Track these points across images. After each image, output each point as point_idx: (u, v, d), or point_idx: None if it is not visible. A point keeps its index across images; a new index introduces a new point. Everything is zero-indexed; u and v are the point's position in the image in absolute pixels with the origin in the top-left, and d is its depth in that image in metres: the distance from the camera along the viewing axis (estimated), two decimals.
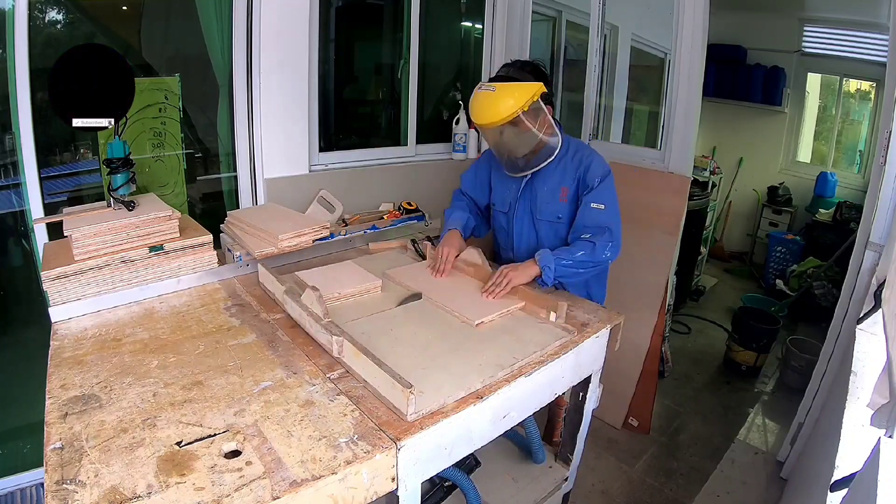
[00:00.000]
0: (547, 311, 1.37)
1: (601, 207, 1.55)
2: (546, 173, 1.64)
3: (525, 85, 1.47)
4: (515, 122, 1.48)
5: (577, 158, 1.62)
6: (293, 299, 1.30)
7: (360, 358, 1.06)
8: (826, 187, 4.38)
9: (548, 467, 1.60)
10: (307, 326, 1.25)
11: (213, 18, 1.93)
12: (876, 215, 1.85)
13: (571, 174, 1.61)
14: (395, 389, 0.97)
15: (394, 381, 0.97)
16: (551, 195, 1.64)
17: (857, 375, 1.30)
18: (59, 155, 1.88)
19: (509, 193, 1.73)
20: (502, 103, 1.44)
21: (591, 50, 2.62)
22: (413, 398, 0.94)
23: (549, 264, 1.49)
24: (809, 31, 4.37)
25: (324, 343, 1.18)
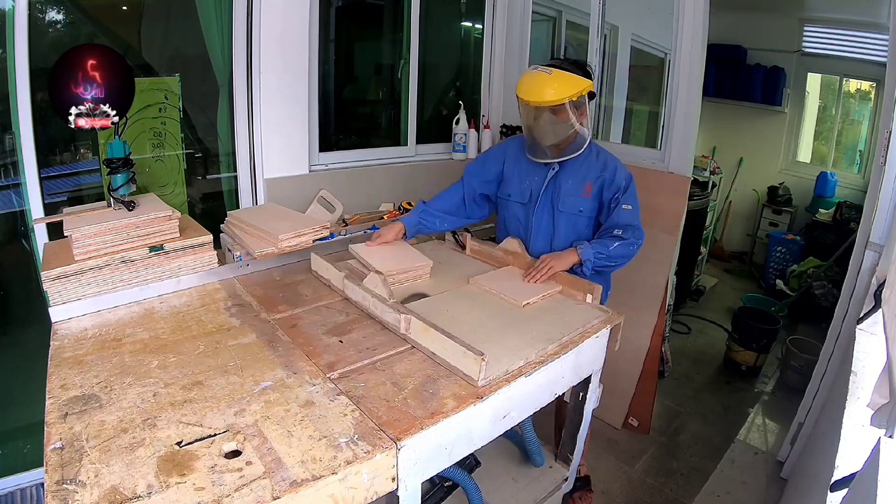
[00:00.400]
0: (584, 294, 1.50)
1: (629, 208, 1.65)
2: (571, 169, 1.71)
3: (578, 78, 1.56)
4: (559, 110, 1.57)
5: (601, 160, 1.70)
6: (355, 283, 1.42)
7: (429, 333, 1.17)
8: (826, 187, 4.38)
9: (548, 467, 1.61)
10: (371, 308, 1.36)
11: (213, 18, 1.93)
12: (876, 215, 1.85)
13: (595, 173, 1.69)
14: (467, 358, 1.07)
15: (465, 350, 1.08)
16: (575, 189, 1.70)
17: (857, 375, 1.30)
18: (59, 155, 1.88)
19: (532, 184, 1.77)
20: (556, 87, 1.53)
21: (591, 50, 2.62)
22: (485, 364, 1.05)
23: (590, 258, 1.59)
24: (809, 31, 4.37)
25: (391, 322, 1.29)
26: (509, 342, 1.23)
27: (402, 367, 1.16)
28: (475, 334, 1.24)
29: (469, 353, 1.07)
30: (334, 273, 1.52)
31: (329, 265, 1.55)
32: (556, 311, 1.43)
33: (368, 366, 1.15)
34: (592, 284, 1.48)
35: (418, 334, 1.21)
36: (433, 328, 1.16)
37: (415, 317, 1.21)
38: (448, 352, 1.13)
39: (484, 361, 1.04)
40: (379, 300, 1.33)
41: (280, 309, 1.41)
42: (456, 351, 1.10)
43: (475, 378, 1.07)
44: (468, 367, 1.08)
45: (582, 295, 1.51)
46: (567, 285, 1.54)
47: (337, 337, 1.27)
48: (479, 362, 1.05)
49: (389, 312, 1.29)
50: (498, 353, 1.16)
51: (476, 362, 1.05)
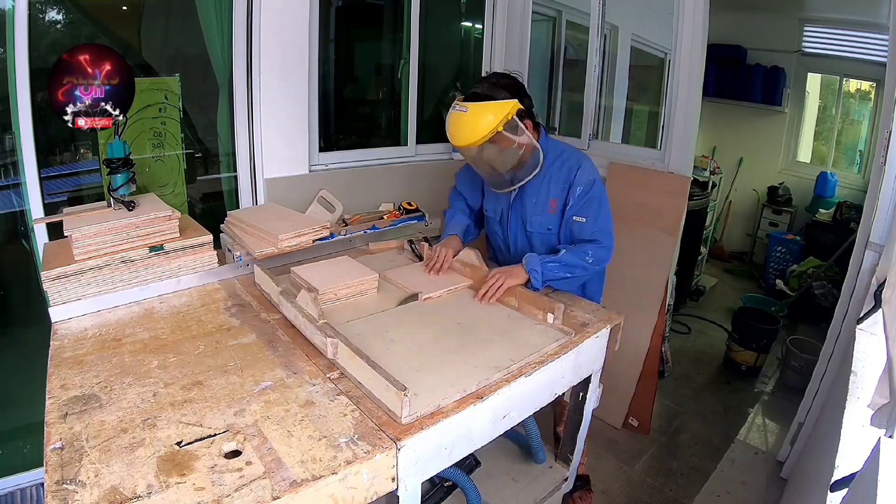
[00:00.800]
0: (544, 313, 1.37)
1: (582, 221, 1.56)
2: (533, 186, 1.61)
3: (499, 104, 1.43)
4: (493, 141, 1.45)
5: (564, 168, 1.59)
6: (288, 300, 1.31)
7: (355, 360, 1.06)
8: (826, 187, 4.38)
9: (548, 467, 1.60)
10: (302, 328, 1.25)
11: (213, 18, 1.93)
12: (876, 215, 1.85)
13: (559, 184, 1.59)
14: (390, 392, 0.97)
15: (388, 384, 0.97)
16: (540, 207, 1.62)
17: (857, 375, 1.30)
18: (59, 155, 1.88)
19: (501, 203, 1.72)
20: (476, 124, 1.42)
21: (591, 50, 2.62)
22: (407, 400, 0.94)
23: (535, 267, 1.49)
24: (809, 31, 4.37)
25: (318, 345, 1.18)
26: (450, 370, 1.12)
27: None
28: (414, 359, 1.15)
29: (391, 387, 0.96)
30: (272, 287, 1.40)
31: (268, 279, 1.43)
32: (508, 333, 1.31)
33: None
34: (553, 303, 1.35)
35: (346, 361, 1.10)
36: (359, 356, 1.05)
37: (342, 342, 1.10)
38: (372, 382, 1.02)
39: (406, 397, 0.93)
40: (308, 320, 1.21)
41: (280, 309, 1.41)
42: (379, 383, 1.00)
43: (398, 414, 0.95)
44: (391, 402, 0.97)
45: (542, 314, 1.37)
46: (526, 302, 1.42)
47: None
48: (400, 398, 0.93)
49: (317, 335, 1.18)
50: (434, 383, 1.06)
51: (398, 397, 0.94)
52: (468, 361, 1.17)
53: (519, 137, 1.48)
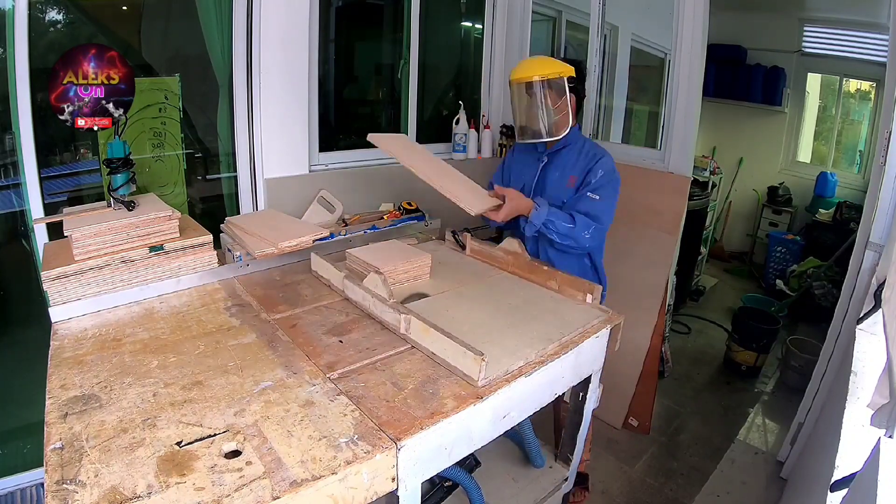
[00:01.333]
0: (584, 294, 1.50)
1: (595, 198, 1.67)
2: (558, 161, 1.77)
3: (560, 63, 1.69)
4: (543, 88, 1.67)
5: (590, 154, 1.74)
6: (355, 283, 1.41)
7: (429, 333, 1.16)
8: (826, 187, 4.38)
9: (548, 467, 1.60)
10: (371, 308, 1.35)
11: (213, 18, 1.93)
12: (876, 215, 1.85)
13: (581, 166, 1.73)
14: (467, 358, 1.07)
15: (465, 350, 1.07)
16: (560, 181, 1.75)
17: (857, 375, 1.30)
18: (59, 155, 1.88)
19: (526, 177, 1.84)
20: (536, 67, 1.69)
21: (591, 50, 2.62)
22: (485, 364, 1.04)
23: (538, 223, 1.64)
24: (809, 31, 4.38)
25: (391, 322, 1.28)
26: (509, 342, 1.23)
27: (401, 367, 1.16)
28: (475, 334, 1.24)
29: (469, 353, 1.07)
30: (334, 273, 1.52)
31: (329, 265, 1.55)
32: (555, 311, 1.42)
33: (368, 366, 1.15)
34: (592, 285, 1.48)
35: (418, 334, 1.21)
36: (433, 328, 1.16)
37: (414, 317, 1.21)
38: (448, 352, 1.13)
39: (484, 362, 1.04)
40: (379, 300, 1.32)
41: (280, 309, 1.41)
42: (456, 351, 1.10)
43: (475, 378, 1.06)
44: (468, 367, 1.08)
45: (582, 295, 1.50)
46: (566, 285, 1.54)
47: (337, 337, 1.27)
48: (478, 362, 1.05)
49: (389, 312, 1.28)
50: (498, 353, 1.16)
51: (476, 362, 1.05)
52: (524, 334, 1.27)
53: (561, 99, 1.69)
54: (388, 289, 1.34)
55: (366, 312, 1.38)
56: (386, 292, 1.33)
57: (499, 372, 1.10)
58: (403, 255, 1.62)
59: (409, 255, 1.63)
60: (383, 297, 1.32)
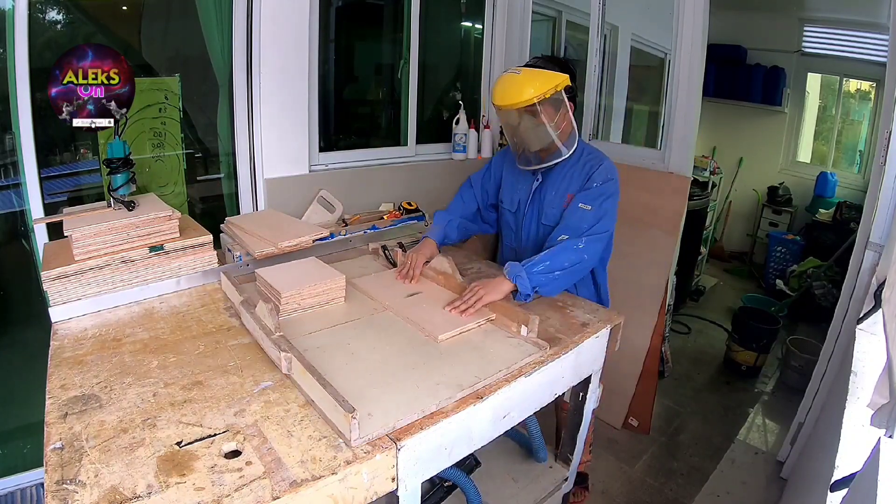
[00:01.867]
0: (518, 325, 1.30)
1: (587, 208, 1.50)
2: (555, 178, 1.62)
3: (550, 73, 1.45)
4: (534, 111, 1.46)
5: (587, 165, 1.58)
6: (248, 311, 1.25)
7: (307, 377, 1.01)
8: (826, 187, 4.38)
9: (548, 467, 1.60)
10: (260, 340, 1.20)
11: (213, 18, 1.93)
12: (876, 215, 1.85)
13: (578, 181, 1.58)
14: (338, 412, 0.91)
15: (336, 404, 0.91)
16: (557, 200, 1.61)
17: (857, 375, 1.30)
18: (59, 155, 1.88)
19: (520, 194, 1.71)
20: (525, 87, 1.42)
21: (591, 50, 2.62)
22: (356, 423, 0.89)
23: (520, 273, 1.41)
24: (809, 31, 4.37)
25: (273, 359, 1.13)
26: (408, 388, 1.06)
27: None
28: (372, 375, 1.10)
29: (339, 407, 0.90)
30: (235, 296, 1.37)
31: (232, 288, 1.40)
32: (478, 347, 1.24)
33: None
34: (527, 315, 1.28)
35: (299, 376, 1.06)
36: (310, 372, 1.00)
37: (295, 356, 1.06)
38: (323, 402, 0.97)
39: (355, 420, 0.88)
40: (264, 332, 1.16)
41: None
42: (329, 403, 0.94)
43: (347, 436, 0.90)
44: (339, 423, 0.92)
45: (516, 326, 1.30)
46: (500, 313, 1.35)
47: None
48: (348, 420, 0.88)
49: (272, 349, 1.13)
50: (389, 402, 1.01)
51: (346, 419, 0.89)
52: (431, 378, 1.10)
53: (560, 114, 1.49)
54: (275, 320, 1.18)
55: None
56: (272, 324, 1.17)
57: (382, 429, 0.93)
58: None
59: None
60: (269, 328, 1.17)
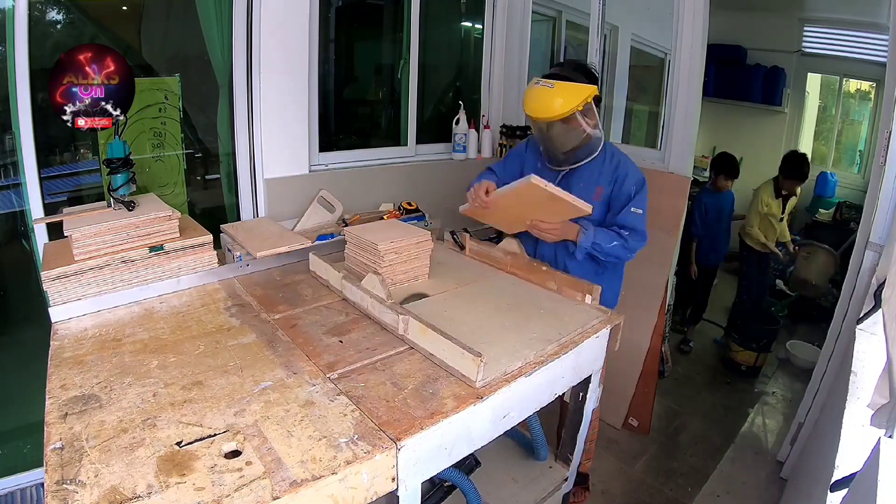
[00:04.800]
0: (583, 294, 1.49)
1: (639, 212, 1.66)
2: (583, 170, 1.72)
3: (581, 86, 1.57)
4: (567, 120, 1.58)
5: (614, 162, 1.70)
6: (353, 284, 1.41)
7: (427, 333, 1.16)
8: (826, 187, 4.39)
9: (548, 467, 1.60)
10: (369, 309, 1.35)
11: (213, 18, 1.93)
12: (876, 215, 1.85)
13: (608, 176, 1.70)
14: (465, 359, 1.06)
15: (463, 351, 1.06)
16: (586, 193, 1.68)
17: (857, 375, 1.30)
18: (59, 155, 1.88)
19: None
20: (559, 101, 1.55)
21: (591, 50, 2.62)
22: (483, 365, 1.04)
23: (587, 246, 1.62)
24: (809, 31, 4.38)
25: (389, 322, 1.28)
26: (508, 343, 1.22)
27: (401, 367, 1.16)
28: (473, 335, 1.23)
29: (467, 354, 1.06)
30: (333, 274, 1.52)
31: (328, 266, 1.55)
32: (554, 312, 1.41)
33: (368, 366, 1.15)
34: (591, 285, 1.47)
35: (416, 335, 1.21)
36: (431, 329, 1.15)
37: (412, 317, 1.20)
38: (446, 353, 1.12)
39: (482, 362, 1.04)
40: (377, 300, 1.32)
41: (280, 309, 1.41)
42: (454, 352, 1.10)
43: (473, 379, 1.06)
44: (466, 368, 1.07)
45: (581, 295, 1.49)
46: (566, 286, 1.53)
47: (337, 337, 1.27)
48: (477, 363, 1.04)
49: (388, 313, 1.28)
50: (496, 353, 1.16)
51: (474, 363, 1.05)
52: (523, 335, 1.26)
53: (590, 121, 1.62)
54: (386, 289, 1.33)
55: (364, 313, 1.38)
56: (384, 293, 1.33)
57: (497, 373, 1.10)
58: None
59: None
60: (381, 297, 1.32)
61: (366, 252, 1.55)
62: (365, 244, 1.54)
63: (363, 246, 1.55)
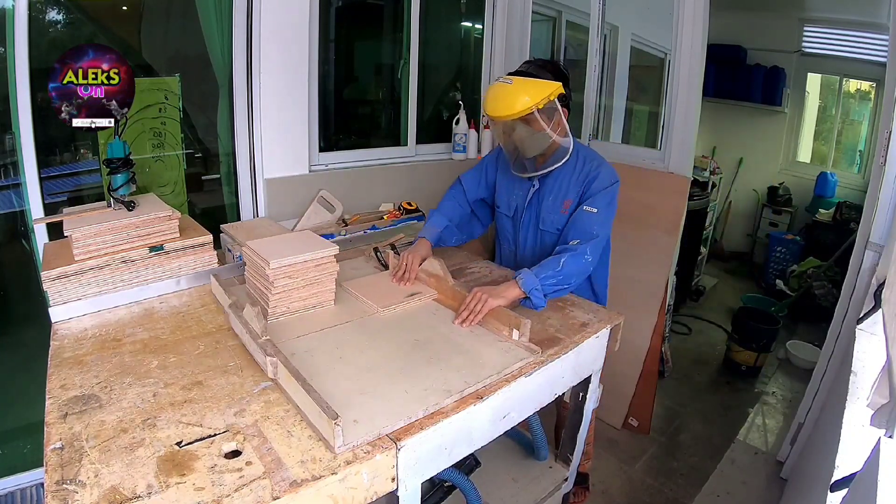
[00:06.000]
0: (509, 329, 1.27)
1: (593, 211, 1.50)
2: (553, 183, 1.60)
3: (543, 82, 1.44)
4: (528, 120, 1.46)
5: (584, 170, 1.57)
6: (235, 314, 1.22)
7: (292, 382, 0.99)
8: (826, 187, 4.38)
9: (548, 467, 1.61)
10: (246, 344, 1.19)
11: (213, 18, 1.93)
12: (876, 215, 1.85)
13: (577, 186, 1.57)
14: (322, 419, 0.89)
15: (320, 411, 0.89)
16: (555, 206, 1.60)
17: (857, 375, 1.30)
18: (59, 155, 1.88)
19: (517, 199, 1.70)
20: (518, 97, 1.41)
21: (591, 50, 2.61)
22: (339, 430, 0.87)
23: (535, 286, 1.38)
24: (809, 31, 4.37)
25: (260, 363, 1.11)
26: (397, 394, 1.04)
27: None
28: (360, 380, 1.08)
29: (323, 414, 0.88)
30: (224, 298, 1.35)
31: (221, 290, 1.38)
32: (468, 352, 1.22)
33: None
34: (519, 319, 1.26)
35: (285, 381, 1.03)
36: (296, 378, 0.98)
37: (281, 361, 1.04)
38: (307, 407, 0.95)
39: (338, 426, 0.86)
40: (251, 336, 1.14)
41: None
42: (313, 409, 0.93)
43: (331, 443, 0.88)
44: (324, 429, 0.90)
45: (508, 330, 1.28)
46: (492, 318, 1.33)
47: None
48: (331, 426, 0.86)
49: (258, 353, 1.11)
50: (374, 410, 0.99)
51: (329, 426, 0.87)
52: (420, 383, 1.08)
53: (554, 122, 1.49)
54: (262, 323, 1.15)
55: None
56: (259, 327, 1.14)
57: (367, 435, 0.91)
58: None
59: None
60: (255, 332, 1.14)
61: (259, 275, 1.35)
62: (257, 267, 1.34)
63: (256, 268, 1.36)
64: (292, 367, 1.02)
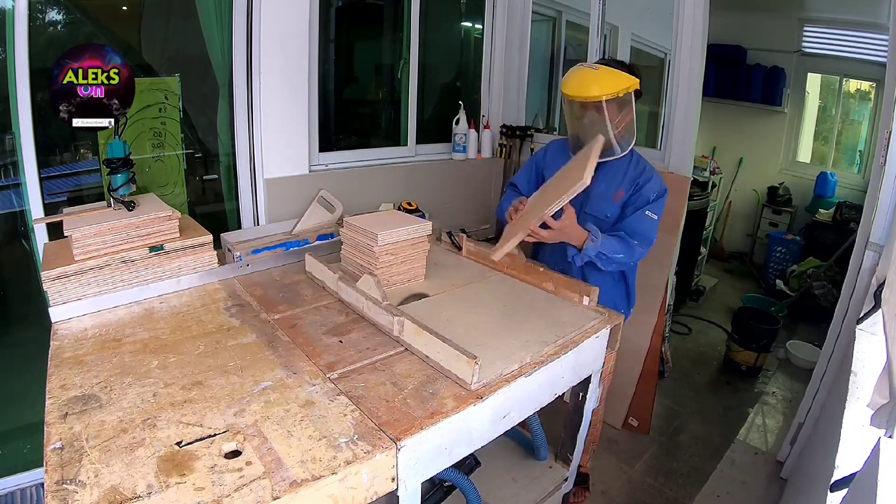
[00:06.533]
0: (580, 296, 1.48)
1: (654, 218, 1.63)
2: (606, 172, 1.68)
3: (625, 75, 1.55)
4: (601, 107, 1.56)
5: (638, 168, 1.68)
6: (349, 285, 1.40)
7: (422, 335, 1.15)
8: (826, 187, 4.38)
9: (548, 467, 1.60)
10: (365, 310, 1.35)
11: (213, 18, 1.93)
12: (876, 215, 1.85)
13: (630, 181, 1.67)
14: (460, 361, 1.06)
15: (459, 354, 1.06)
16: (606, 194, 1.68)
17: (857, 375, 1.30)
18: (59, 155, 1.88)
19: None
20: (601, 83, 1.53)
21: (591, 50, 2.62)
22: (478, 367, 1.04)
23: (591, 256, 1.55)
24: (809, 31, 4.38)
25: (384, 324, 1.28)
26: (504, 345, 1.22)
27: (401, 367, 1.16)
28: (469, 336, 1.23)
29: (462, 356, 1.06)
30: (329, 275, 1.51)
31: (323, 267, 1.54)
32: (551, 313, 1.41)
33: (368, 366, 1.15)
34: (588, 286, 1.46)
35: (411, 337, 1.20)
36: (426, 331, 1.15)
37: (408, 319, 1.20)
38: (441, 355, 1.12)
39: (477, 365, 1.04)
40: (373, 302, 1.31)
41: (280, 309, 1.41)
42: (449, 354, 1.10)
43: (468, 382, 1.06)
44: (461, 371, 1.07)
45: (578, 297, 1.49)
46: (563, 287, 1.52)
47: (337, 337, 1.27)
48: (471, 365, 1.04)
49: (383, 315, 1.28)
50: (492, 356, 1.15)
51: (469, 365, 1.05)
52: (519, 337, 1.26)
53: (624, 113, 1.59)
54: (381, 290, 1.33)
55: (360, 315, 1.37)
56: (379, 294, 1.32)
57: (493, 375, 1.10)
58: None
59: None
60: (377, 299, 1.31)
61: (362, 253, 1.54)
62: (361, 246, 1.53)
63: (359, 247, 1.54)
64: (421, 322, 1.18)
